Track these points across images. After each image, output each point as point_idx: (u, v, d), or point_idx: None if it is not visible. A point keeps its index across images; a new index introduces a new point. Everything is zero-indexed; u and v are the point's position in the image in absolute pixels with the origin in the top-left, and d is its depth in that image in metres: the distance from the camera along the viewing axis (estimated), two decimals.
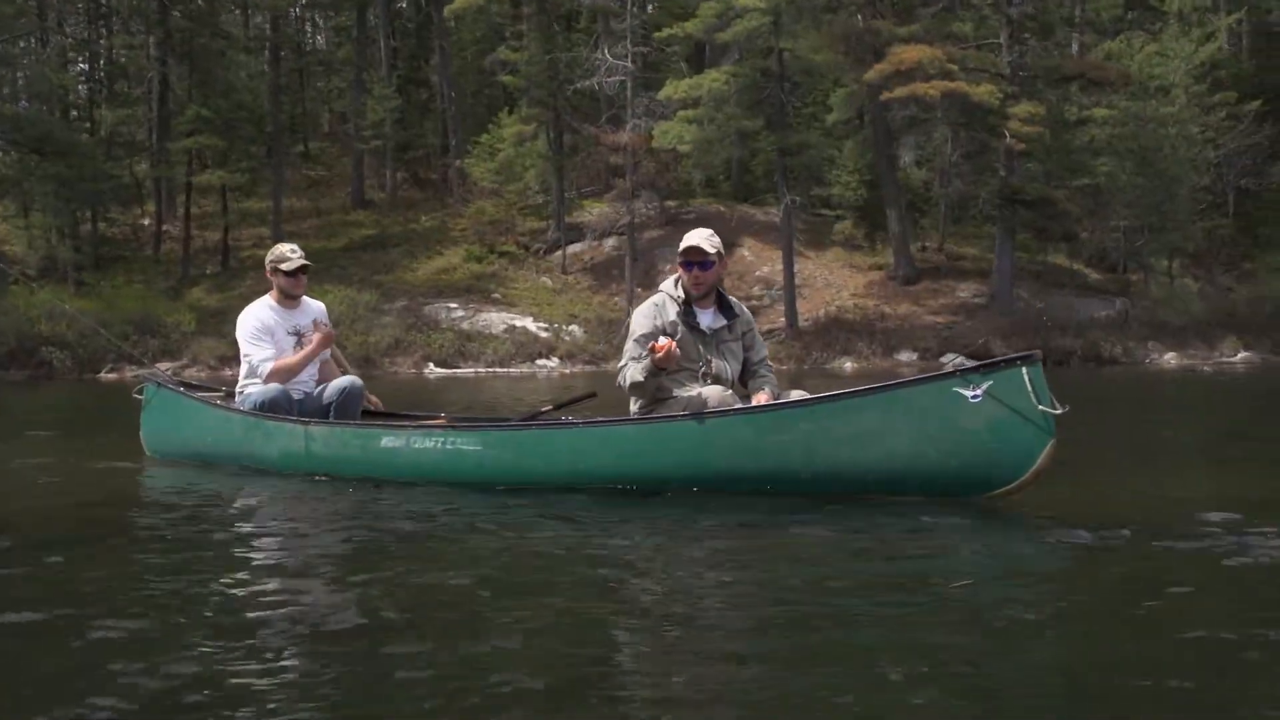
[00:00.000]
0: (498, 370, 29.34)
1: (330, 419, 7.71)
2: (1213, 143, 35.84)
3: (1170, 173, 33.00)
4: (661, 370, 6.39)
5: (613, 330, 31.62)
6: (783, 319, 32.39)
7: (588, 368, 30.07)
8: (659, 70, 39.20)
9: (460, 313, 32.04)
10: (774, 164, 35.02)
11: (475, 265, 34.79)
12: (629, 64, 32.43)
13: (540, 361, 30.38)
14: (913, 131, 32.70)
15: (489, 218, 36.09)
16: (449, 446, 6.82)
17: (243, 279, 34.22)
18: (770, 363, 7.09)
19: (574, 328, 31.77)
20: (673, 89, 31.35)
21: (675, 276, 6.96)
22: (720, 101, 30.70)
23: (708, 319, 6.80)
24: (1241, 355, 29.21)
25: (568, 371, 29.37)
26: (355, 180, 41.44)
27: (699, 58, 41.30)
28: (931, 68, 28.66)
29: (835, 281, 34.65)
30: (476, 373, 28.86)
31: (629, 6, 32.68)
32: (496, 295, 33.18)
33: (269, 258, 8.17)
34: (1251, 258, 38.54)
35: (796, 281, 32.87)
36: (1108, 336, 30.19)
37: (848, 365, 30.30)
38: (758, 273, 35.05)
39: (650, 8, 36.00)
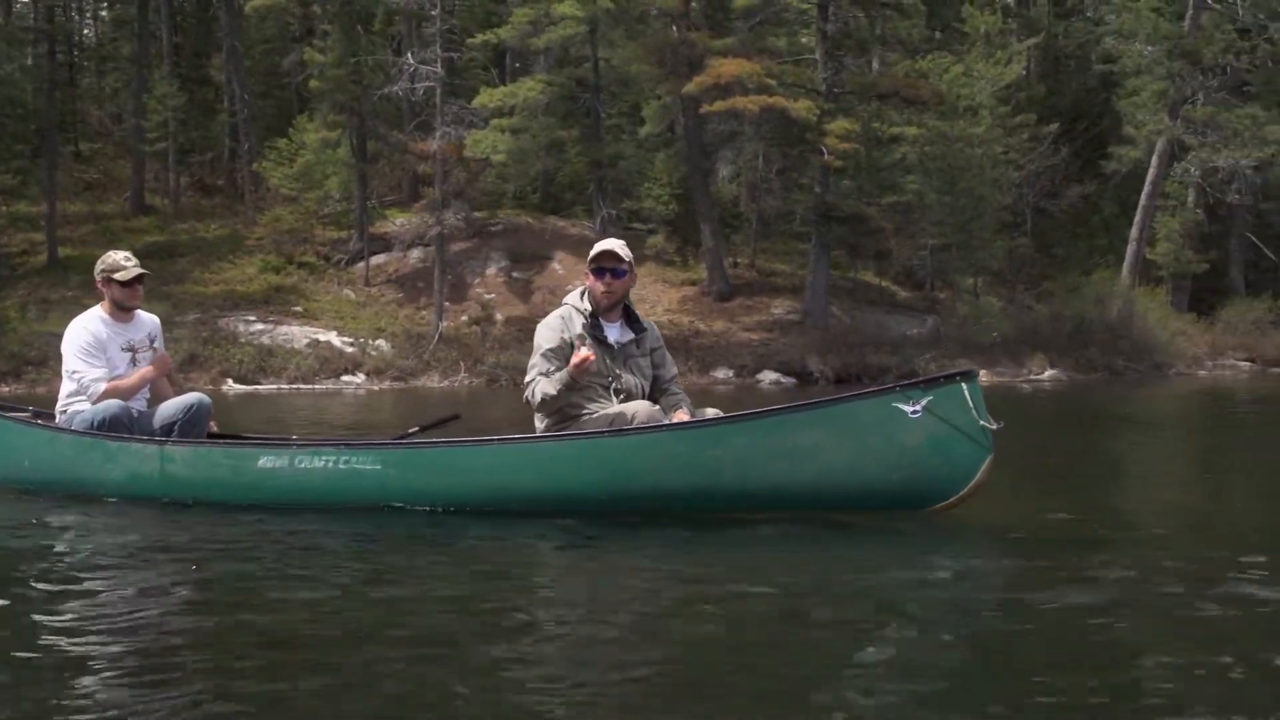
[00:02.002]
0: (301, 387, 28.54)
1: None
2: (1014, 163, 37.50)
3: (977, 192, 34.37)
4: (577, 382, 6.25)
5: (421, 345, 31.14)
6: None
7: (396, 384, 29.53)
8: (462, 77, 38.88)
9: (259, 326, 31.06)
10: (588, 176, 35.11)
11: (273, 276, 33.78)
12: (438, 69, 32.01)
13: (346, 377, 29.69)
14: (728, 146, 33.13)
15: (286, 226, 35.09)
16: (343, 466, 6.54)
17: (15, 288, 32.45)
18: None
19: (381, 342, 31.16)
20: (487, 97, 31.11)
21: (580, 289, 6.89)
22: (535, 111, 30.60)
23: (615, 333, 6.73)
24: (1049, 373, 30.58)
25: (376, 388, 28.79)
26: (135, 184, 39.72)
27: (501, 64, 41.16)
28: (750, 82, 29.17)
29: (649, 297, 34.87)
30: (279, 389, 28.03)
31: (438, 11, 32.27)
32: (297, 308, 32.28)
33: (100, 266, 7.63)
34: (1049, 277, 40.49)
35: None
36: (922, 354, 31.18)
37: None
38: (569, 287, 34.78)
39: (455, 12, 35.57)
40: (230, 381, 28.20)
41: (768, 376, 30.35)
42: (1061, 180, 40.80)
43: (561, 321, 6.62)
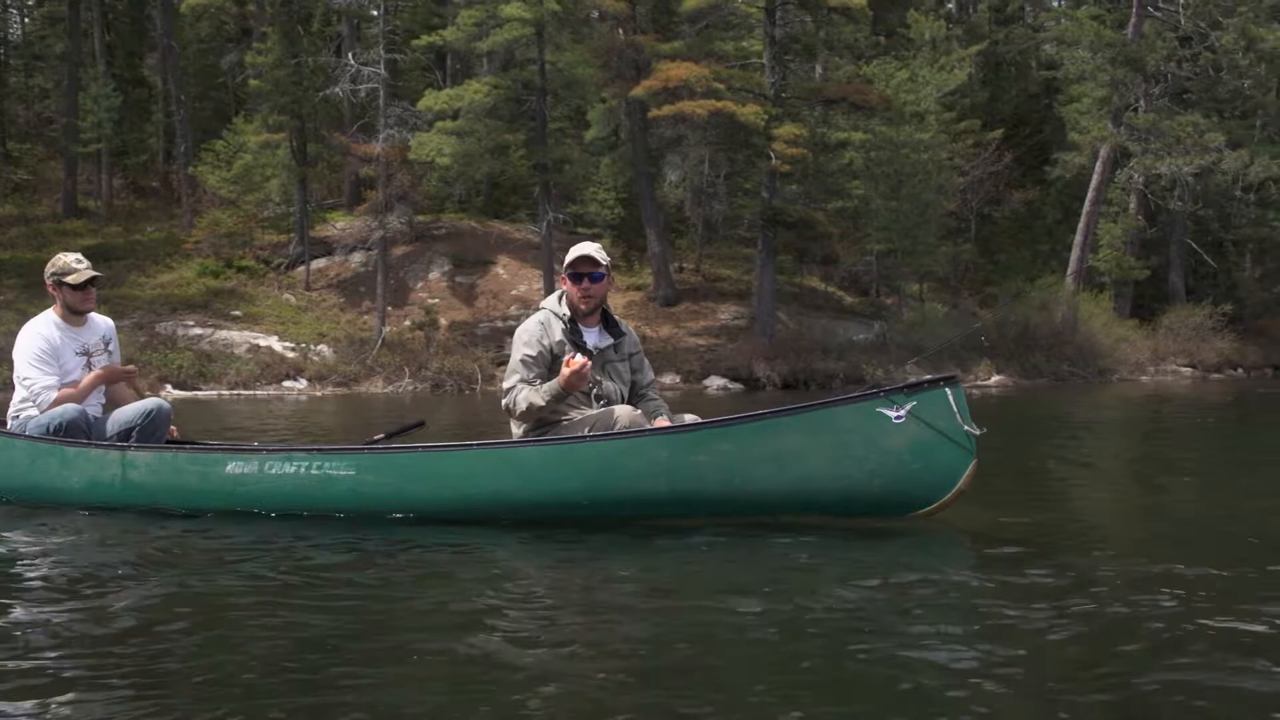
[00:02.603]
0: (242, 392, 28.25)
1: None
2: (959, 169, 37.89)
3: (923, 198, 34.69)
4: (567, 394, 6.23)
5: (364, 350, 30.96)
6: None
7: (339, 390, 29.33)
8: (404, 79, 38.72)
9: (198, 331, 30.74)
10: (533, 180, 35.05)
11: (212, 280, 33.44)
12: (382, 71, 31.85)
13: (288, 383, 29.44)
14: (675, 151, 33.21)
15: (225, 230, 34.75)
16: (316, 471, 6.47)
17: None
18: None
19: (323, 348, 30.95)
20: (432, 100, 30.97)
21: (558, 293, 6.83)
22: (481, 114, 30.51)
23: (594, 337, 6.68)
24: (995, 379, 30.91)
25: (319, 394, 28.56)
26: (67, 186, 39.18)
27: (442, 66, 41.03)
28: (698, 86, 29.28)
29: None
30: (220, 395, 27.74)
31: (381, 11, 32.11)
32: (236, 312, 31.98)
33: (50, 269, 7.48)
34: (993, 283, 40.95)
35: None
36: (869, 360, 31.42)
37: None
38: (514, 292, 34.97)
39: (398, 13, 35.41)
40: (169, 388, 27.85)
41: (714, 382, 30.45)
42: (1005, 187, 41.28)
43: (541, 328, 6.57)
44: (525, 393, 6.30)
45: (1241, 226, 40.63)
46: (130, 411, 7.30)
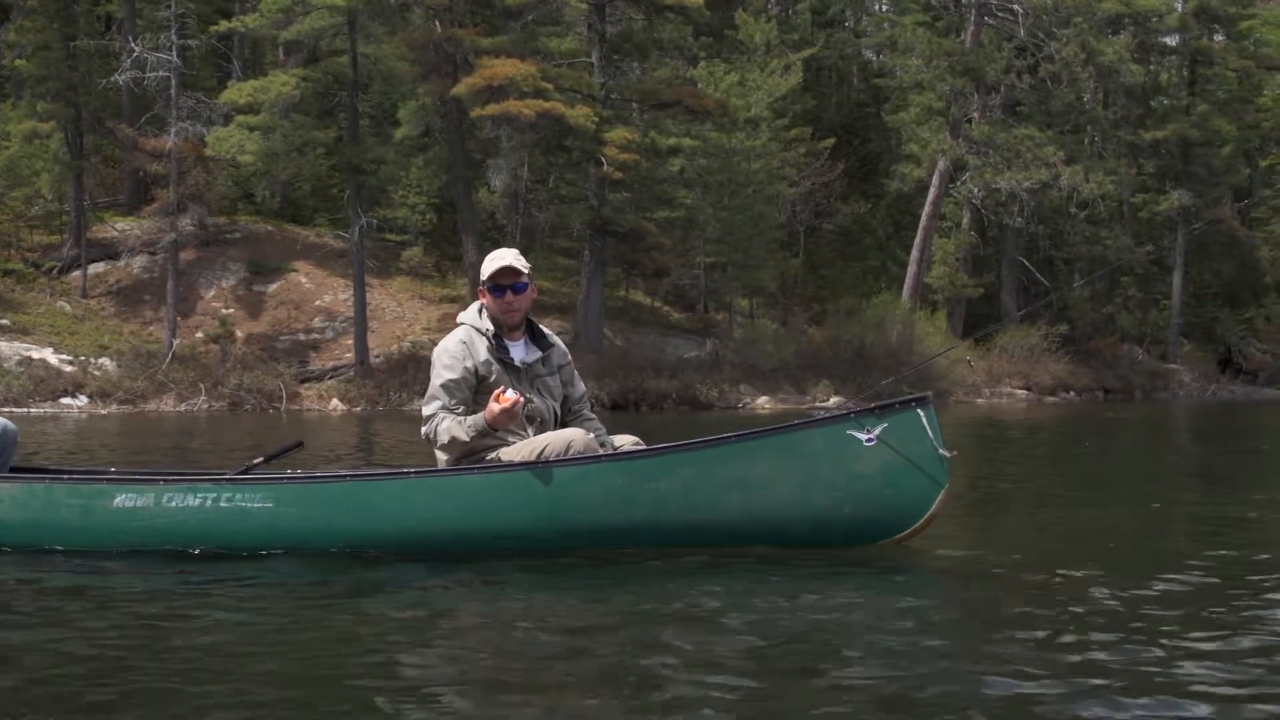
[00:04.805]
0: (15, 410, 26.98)
1: None
2: (789, 180, 38.65)
3: (754, 208, 35.30)
4: (494, 430, 6.12)
5: (152, 364, 29.98)
6: (350, 355, 31.88)
7: (125, 407, 28.35)
8: (192, 68, 37.65)
9: None
10: (335, 181, 34.50)
11: None
12: (174, 58, 30.90)
13: (66, 400, 28.35)
14: (499, 154, 33.03)
15: None
16: (225, 505, 6.24)
17: None
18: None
19: (105, 361, 29.88)
20: (235, 92, 30.20)
21: (477, 305, 6.75)
22: (287, 108, 29.91)
23: (520, 352, 6.60)
24: (834, 400, 31.62)
25: (103, 411, 27.59)
26: None
27: (239, 56, 40.09)
28: (525, 85, 29.24)
29: (407, 314, 34.53)
30: None
31: None
32: (4, 321, 30.57)
33: None
34: (820, 299, 41.90)
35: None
36: (702, 379, 31.81)
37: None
38: (318, 302, 34.32)
39: None
40: None
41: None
42: (834, 199, 42.19)
43: (463, 347, 6.45)
44: (447, 423, 6.16)
45: (1074, 244, 42.51)
46: None
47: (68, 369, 29.37)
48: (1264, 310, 49.96)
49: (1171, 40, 48.49)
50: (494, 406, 6.02)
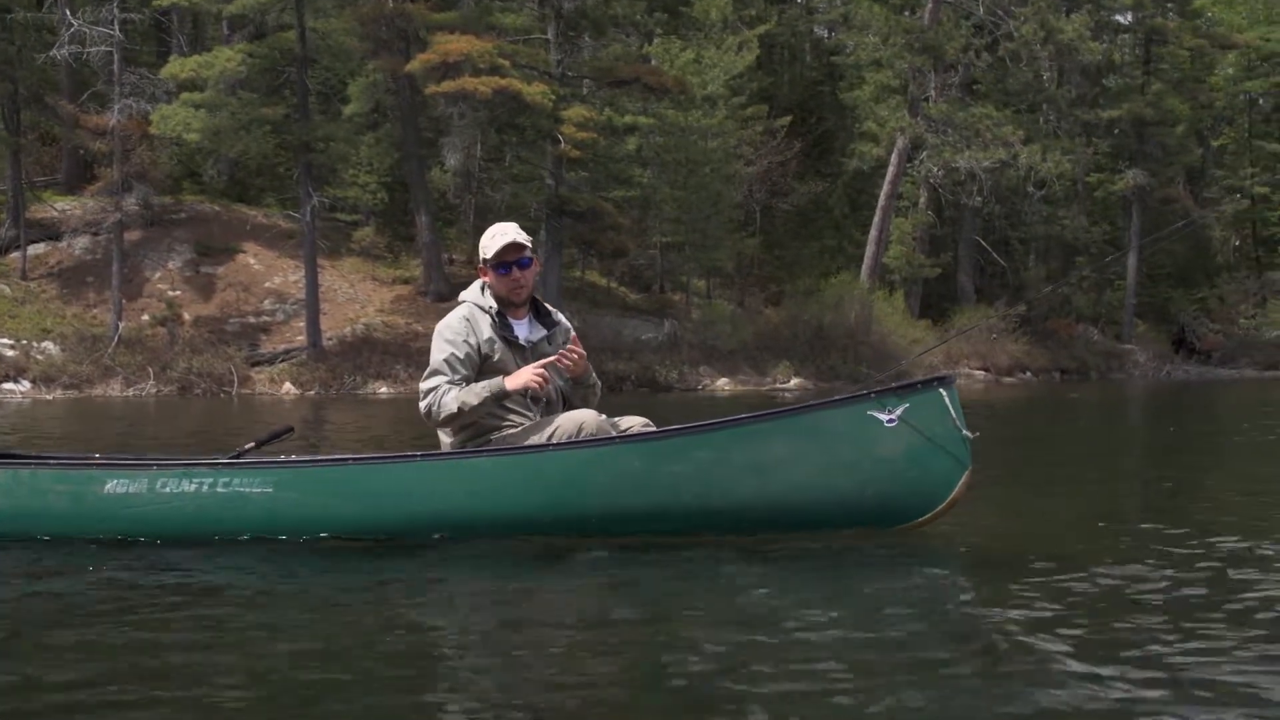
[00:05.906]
0: None
1: None
2: (746, 159, 38.61)
3: (712, 187, 35.23)
4: (511, 396, 6.04)
5: (97, 348, 29.54)
6: (302, 337, 31.55)
7: (70, 393, 27.93)
8: (133, 42, 37.06)
9: None
10: (283, 159, 34.11)
11: None
12: (116, 32, 30.36)
13: (8, 385, 27.92)
14: (450, 132, 32.74)
15: None
16: (222, 490, 6.07)
17: None
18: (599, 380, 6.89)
19: (48, 345, 29.42)
20: (178, 67, 29.71)
21: (479, 283, 6.60)
22: (234, 85, 29.49)
23: (525, 330, 6.50)
24: (795, 381, 31.65)
25: (46, 398, 27.16)
26: None
27: (178, 31, 39.51)
28: (481, 62, 28.98)
29: (359, 296, 34.22)
30: None
31: None
32: None
33: None
34: (776, 279, 41.93)
35: None
36: (661, 361, 31.73)
37: (383, 390, 30.01)
38: (267, 284, 33.94)
39: None
40: None
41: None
42: (790, 178, 42.19)
43: (466, 324, 6.29)
44: (455, 392, 6.02)
45: (1030, 224, 42.75)
46: None
47: (9, 353, 28.90)
48: (1217, 290, 50.57)
49: (1125, 19, 48.83)
50: (526, 370, 5.99)
